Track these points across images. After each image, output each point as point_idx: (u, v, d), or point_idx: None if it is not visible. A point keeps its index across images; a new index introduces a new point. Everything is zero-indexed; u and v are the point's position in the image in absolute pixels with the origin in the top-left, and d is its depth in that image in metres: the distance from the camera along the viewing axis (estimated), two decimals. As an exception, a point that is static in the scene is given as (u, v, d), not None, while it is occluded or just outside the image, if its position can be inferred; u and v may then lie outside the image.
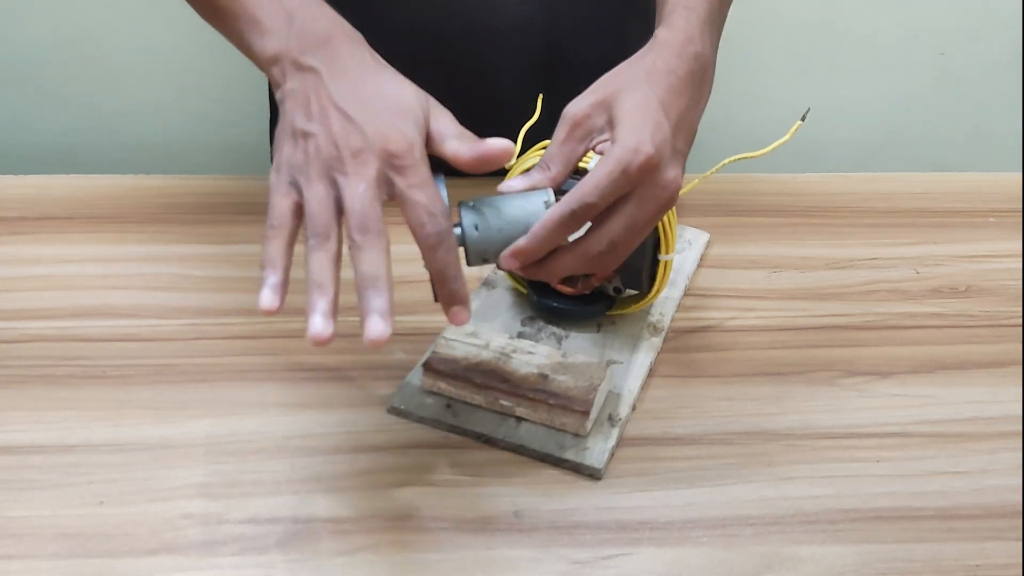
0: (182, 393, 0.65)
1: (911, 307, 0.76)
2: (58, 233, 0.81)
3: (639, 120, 0.56)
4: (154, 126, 1.42)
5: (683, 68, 0.60)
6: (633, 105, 0.57)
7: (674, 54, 0.61)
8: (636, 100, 0.58)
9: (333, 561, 0.54)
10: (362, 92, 0.55)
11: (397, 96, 0.56)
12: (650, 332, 0.71)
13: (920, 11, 1.40)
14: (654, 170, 0.55)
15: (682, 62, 0.61)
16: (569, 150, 0.59)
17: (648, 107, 0.57)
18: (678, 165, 0.58)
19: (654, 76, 0.59)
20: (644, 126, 0.56)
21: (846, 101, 1.47)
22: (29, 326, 0.71)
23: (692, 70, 0.61)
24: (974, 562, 0.55)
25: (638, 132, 0.55)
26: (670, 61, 0.60)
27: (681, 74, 0.60)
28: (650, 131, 0.56)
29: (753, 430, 0.64)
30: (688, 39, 0.62)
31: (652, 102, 0.58)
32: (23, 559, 0.54)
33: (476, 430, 0.62)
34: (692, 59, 0.61)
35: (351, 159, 0.53)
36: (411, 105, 0.56)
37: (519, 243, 0.56)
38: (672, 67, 0.60)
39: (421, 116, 0.56)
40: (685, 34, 0.62)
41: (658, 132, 0.56)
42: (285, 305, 0.54)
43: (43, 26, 1.34)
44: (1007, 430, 0.65)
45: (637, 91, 0.58)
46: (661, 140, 0.56)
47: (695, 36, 0.62)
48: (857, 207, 0.89)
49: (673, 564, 0.55)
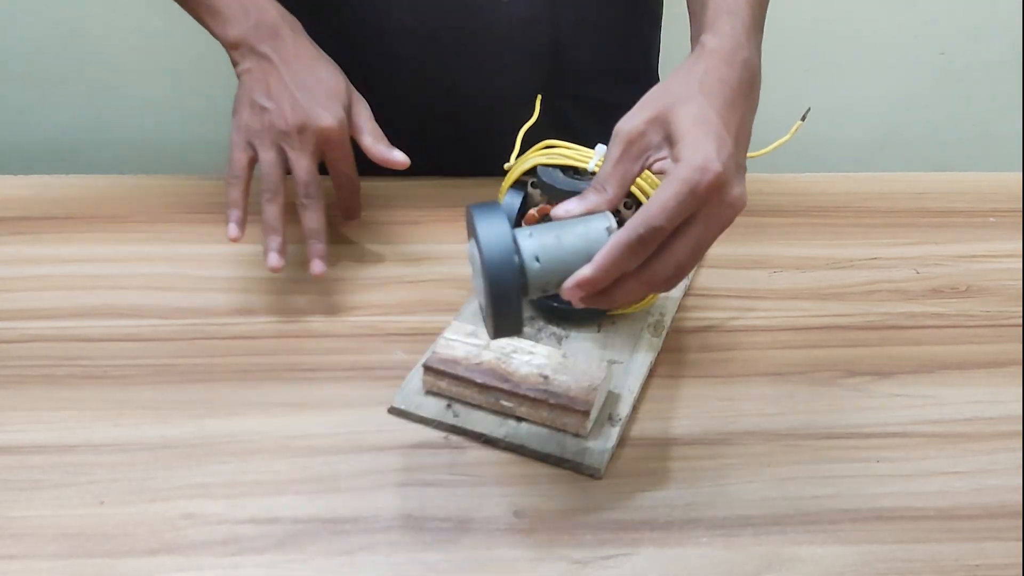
0: (182, 393, 0.65)
1: (912, 307, 0.76)
2: (58, 233, 0.81)
3: (701, 135, 0.53)
4: (154, 126, 1.42)
5: (734, 77, 0.57)
6: (692, 120, 0.54)
7: (724, 62, 0.58)
8: (694, 114, 0.54)
9: (333, 561, 0.54)
10: (305, 78, 0.73)
11: (330, 82, 0.74)
12: (650, 332, 0.71)
13: (921, 11, 1.40)
14: (722, 188, 0.52)
15: (733, 70, 0.57)
16: (624, 169, 0.55)
17: (708, 121, 0.54)
18: (743, 181, 0.54)
19: (708, 87, 0.56)
20: (707, 141, 0.52)
21: (847, 101, 1.47)
22: (29, 326, 0.71)
23: (743, 78, 0.58)
24: (974, 562, 0.55)
25: (703, 149, 0.52)
26: (721, 70, 0.57)
27: (733, 84, 0.57)
28: (715, 147, 0.52)
29: (753, 430, 0.64)
30: (737, 46, 0.59)
31: (711, 115, 0.54)
32: (23, 559, 0.54)
33: (476, 430, 0.62)
34: (742, 67, 0.58)
35: (296, 135, 0.71)
36: (340, 91, 0.74)
37: (584, 273, 0.51)
38: (724, 77, 0.57)
39: (346, 99, 0.74)
40: (733, 41, 0.59)
41: (723, 148, 0.53)
42: (244, 237, 0.72)
43: (43, 25, 1.33)
44: (1007, 430, 0.65)
45: (693, 104, 0.54)
46: (727, 156, 0.52)
47: (743, 42, 0.59)
48: (858, 207, 0.89)
49: (673, 564, 0.55)
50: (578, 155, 0.66)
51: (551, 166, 0.67)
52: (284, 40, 0.74)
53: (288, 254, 0.72)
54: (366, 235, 0.82)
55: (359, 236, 0.82)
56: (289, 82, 0.72)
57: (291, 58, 0.73)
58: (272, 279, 0.76)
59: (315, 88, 0.72)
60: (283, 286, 0.76)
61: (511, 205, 0.67)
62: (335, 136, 0.72)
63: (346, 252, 0.80)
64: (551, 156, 0.67)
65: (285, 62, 0.73)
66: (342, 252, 0.80)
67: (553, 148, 0.67)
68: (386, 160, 0.74)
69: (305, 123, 0.71)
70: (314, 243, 0.72)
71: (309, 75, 0.73)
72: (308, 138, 0.71)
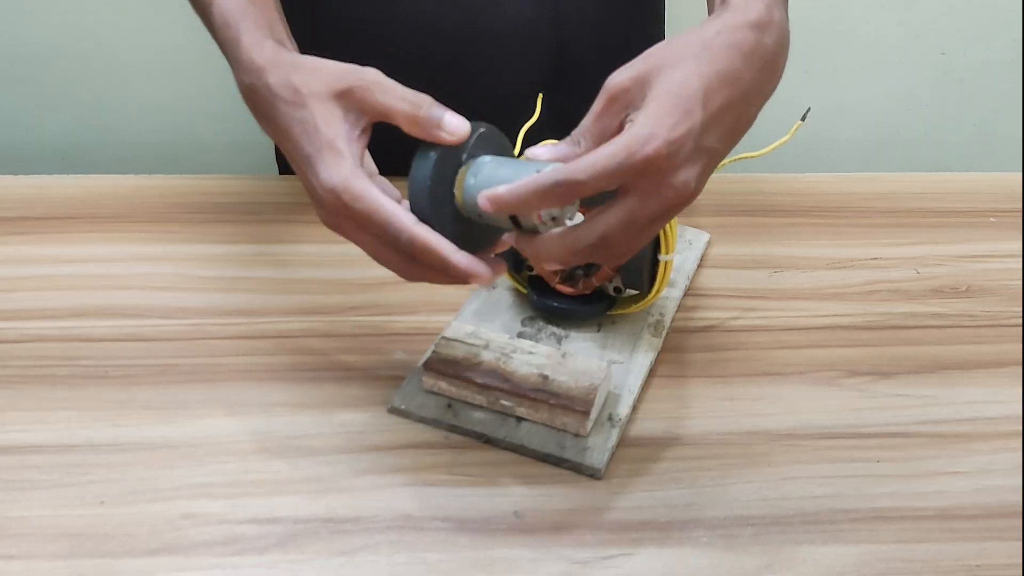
0: (183, 393, 0.65)
1: (912, 307, 0.76)
2: (59, 233, 0.81)
3: (667, 106, 0.49)
4: (155, 126, 1.42)
5: (750, 42, 0.52)
6: (668, 88, 0.50)
7: (747, 24, 0.52)
8: (674, 82, 0.50)
9: (333, 561, 0.54)
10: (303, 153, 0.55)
11: (317, 117, 0.55)
12: (650, 332, 0.71)
13: (921, 11, 1.40)
14: (663, 167, 0.49)
15: (754, 34, 0.52)
16: (603, 125, 0.52)
17: (683, 93, 0.50)
18: (698, 165, 0.50)
19: (709, 51, 0.51)
20: (668, 115, 0.49)
21: (847, 101, 1.47)
22: (30, 326, 0.71)
23: (766, 46, 0.52)
24: (974, 562, 0.55)
25: (657, 121, 0.49)
26: (737, 33, 0.52)
27: (746, 49, 0.52)
28: (673, 121, 0.49)
29: (753, 430, 0.64)
30: (768, 7, 0.53)
31: (692, 86, 0.50)
32: (23, 559, 0.54)
33: (476, 430, 0.62)
34: (768, 31, 0.52)
35: (337, 227, 0.56)
36: (338, 137, 0.54)
37: (497, 190, 0.51)
38: (737, 40, 0.52)
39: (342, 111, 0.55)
40: (764, 4, 0.53)
41: (680, 124, 0.49)
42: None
43: (44, 25, 1.34)
44: (1007, 430, 0.65)
45: (679, 70, 0.50)
46: (681, 135, 0.49)
47: (773, 6, 0.54)
48: (858, 207, 0.89)
49: (673, 564, 0.55)
50: (578, 155, 0.66)
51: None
52: (260, 99, 0.57)
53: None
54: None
55: (359, 236, 0.82)
56: (297, 170, 0.57)
57: (277, 123, 0.57)
58: (272, 279, 0.76)
59: (307, 148, 0.55)
60: (283, 286, 0.76)
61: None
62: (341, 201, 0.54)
63: (346, 252, 0.80)
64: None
65: (278, 135, 0.57)
66: (342, 252, 0.80)
67: (553, 148, 0.67)
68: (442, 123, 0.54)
69: (335, 207, 0.54)
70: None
71: (295, 134, 0.55)
72: (342, 225, 0.55)
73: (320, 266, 0.78)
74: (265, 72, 0.57)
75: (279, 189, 0.89)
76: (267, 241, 0.81)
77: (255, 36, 0.59)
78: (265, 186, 0.89)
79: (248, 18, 0.60)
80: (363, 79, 0.54)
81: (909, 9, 1.40)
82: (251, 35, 0.59)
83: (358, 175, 0.53)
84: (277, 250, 0.80)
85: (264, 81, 0.56)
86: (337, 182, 0.53)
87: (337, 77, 0.55)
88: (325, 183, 0.53)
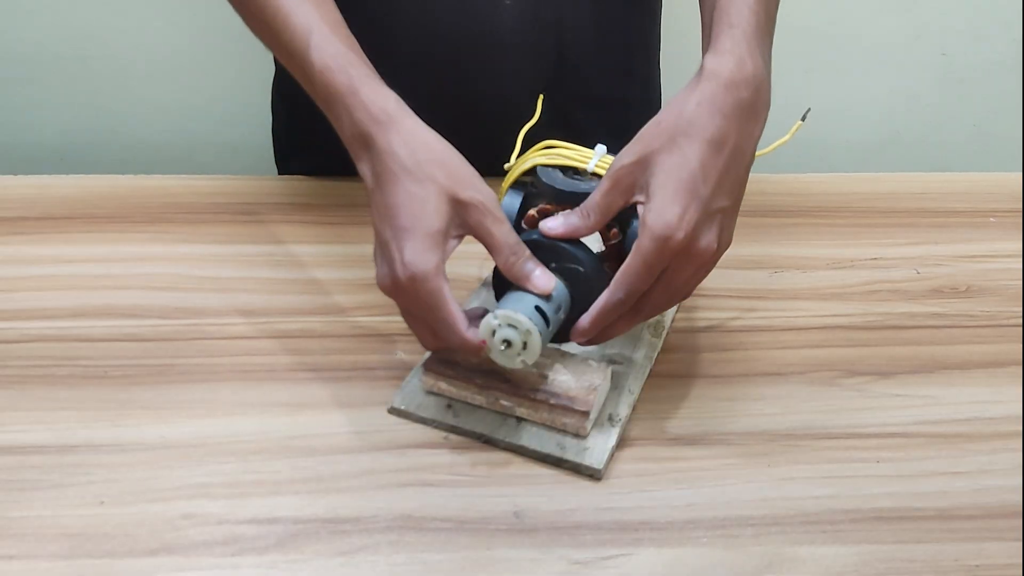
0: (183, 393, 0.65)
1: (912, 307, 0.76)
2: (58, 233, 0.81)
3: (671, 194, 0.56)
4: (154, 126, 1.42)
5: (731, 101, 0.58)
6: (669, 174, 0.57)
7: (722, 86, 0.58)
8: (673, 166, 0.57)
9: (333, 561, 0.54)
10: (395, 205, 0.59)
11: (423, 205, 0.58)
12: (650, 332, 0.71)
13: (922, 12, 1.40)
14: (687, 247, 0.56)
15: (730, 94, 0.58)
16: (610, 202, 0.60)
17: (683, 175, 0.56)
18: (715, 227, 0.58)
19: (695, 125, 0.57)
20: (676, 203, 0.56)
21: (848, 101, 1.47)
22: (30, 326, 0.71)
23: (742, 99, 0.58)
24: (974, 562, 0.55)
25: (669, 212, 0.56)
26: (717, 97, 0.58)
27: (727, 111, 0.58)
28: (681, 208, 0.56)
29: (753, 430, 0.64)
30: (738, 63, 0.59)
31: (690, 166, 0.57)
32: (23, 559, 0.54)
33: (476, 430, 0.62)
34: (742, 86, 0.58)
35: (394, 294, 0.60)
36: (433, 213, 0.58)
37: (583, 324, 0.60)
38: (719, 104, 0.58)
39: (446, 219, 0.59)
40: (734, 58, 0.59)
41: (690, 206, 0.56)
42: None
43: (44, 25, 1.33)
44: (1007, 430, 0.65)
45: (674, 153, 0.57)
46: (693, 215, 0.56)
47: (744, 57, 0.59)
48: (858, 207, 0.89)
49: (673, 564, 0.55)
50: (578, 155, 0.66)
51: (551, 166, 0.67)
52: (377, 149, 0.60)
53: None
54: (367, 235, 0.82)
55: (359, 236, 0.81)
56: (379, 220, 0.60)
57: (383, 177, 0.59)
58: (272, 279, 0.76)
59: (404, 220, 0.58)
60: (283, 286, 0.76)
61: (511, 205, 0.67)
62: (417, 285, 0.57)
63: (346, 252, 0.80)
64: (551, 156, 0.67)
65: (379, 186, 0.60)
66: (342, 252, 0.80)
67: (553, 148, 0.67)
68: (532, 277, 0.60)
69: (393, 281, 0.58)
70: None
71: (399, 200, 0.59)
72: (404, 287, 0.58)
73: (320, 266, 0.78)
74: (389, 128, 0.60)
75: (278, 189, 0.89)
76: (266, 241, 0.81)
77: (374, 84, 0.62)
78: (264, 186, 0.89)
79: (355, 62, 0.63)
80: (482, 201, 0.59)
81: (909, 9, 1.40)
82: (370, 84, 0.62)
83: (441, 271, 0.58)
84: (276, 250, 0.80)
85: (387, 136, 0.60)
86: (424, 269, 0.57)
87: (460, 181, 0.59)
88: (410, 263, 0.57)
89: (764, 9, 0.63)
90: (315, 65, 0.62)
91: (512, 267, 0.59)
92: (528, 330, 0.58)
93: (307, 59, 0.62)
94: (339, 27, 0.65)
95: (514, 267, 0.59)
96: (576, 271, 0.61)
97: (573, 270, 0.61)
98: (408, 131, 0.60)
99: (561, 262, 0.61)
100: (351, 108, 0.61)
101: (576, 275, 0.61)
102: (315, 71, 0.62)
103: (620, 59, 0.92)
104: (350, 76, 0.61)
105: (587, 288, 0.61)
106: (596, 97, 0.91)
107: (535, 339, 0.58)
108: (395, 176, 0.59)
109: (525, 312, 0.58)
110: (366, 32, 0.84)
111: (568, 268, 0.61)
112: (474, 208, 0.59)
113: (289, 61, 0.65)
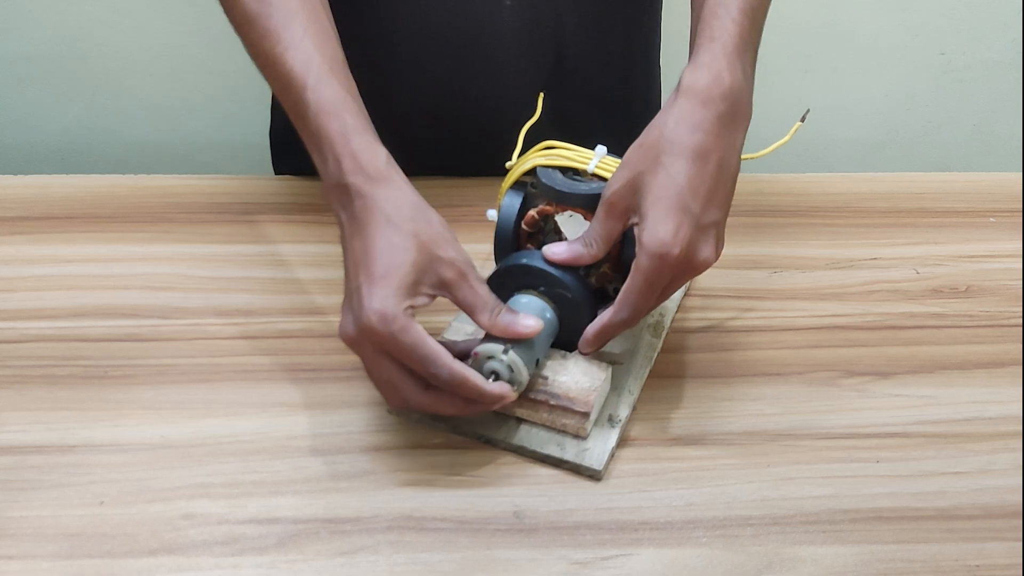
0: (183, 393, 0.65)
1: (911, 307, 0.76)
2: (58, 233, 0.81)
3: (662, 213, 0.58)
4: (155, 126, 1.42)
5: (710, 116, 0.59)
6: (657, 194, 0.58)
7: (700, 102, 0.59)
8: (661, 186, 0.58)
9: (333, 561, 0.54)
10: (366, 255, 0.58)
11: (395, 257, 0.58)
12: (650, 332, 0.71)
13: (921, 11, 1.40)
14: (683, 262, 0.58)
15: (708, 110, 0.59)
16: (609, 228, 0.61)
17: (671, 194, 0.58)
18: (709, 239, 0.59)
19: (678, 144, 0.58)
20: (667, 221, 0.57)
21: (847, 101, 1.47)
22: (29, 326, 0.71)
23: (721, 113, 0.59)
24: (974, 562, 0.55)
25: (663, 231, 0.57)
26: (695, 113, 0.59)
27: (707, 127, 0.59)
28: (674, 226, 0.57)
29: (753, 430, 0.64)
30: (715, 78, 0.60)
31: (677, 184, 0.58)
32: (23, 559, 0.54)
33: (476, 431, 0.62)
34: (720, 100, 0.59)
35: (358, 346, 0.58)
36: (404, 266, 0.58)
37: (586, 344, 0.63)
38: (697, 120, 0.59)
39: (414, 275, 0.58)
40: (711, 73, 0.60)
41: (682, 223, 0.58)
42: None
43: (44, 25, 1.33)
44: (1007, 430, 0.65)
45: (659, 173, 0.58)
46: (686, 231, 0.58)
47: (722, 71, 0.60)
48: (857, 207, 0.89)
49: (673, 564, 0.55)
50: (578, 156, 0.66)
51: (551, 167, 0.67)
52: (362, 199, 0.59)
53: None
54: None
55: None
56: (352, 267, 0.59)
57: (365, 224, 0.59)
58: (271, 279, 0.76)
59: (379, 267, 0.57)
60: (283, 286, 0.76)
61: (511, 205, 0.67)
62: (387, 328, 0.56)
63: (346, 252, 0.80)
64: (551, 157, 0.67)
65: (358, 232, 0.60)
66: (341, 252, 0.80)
67: (553, 149, 0.67)
68: (517, 333, 0.60)
69: (358, 326, 0.57)
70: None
71: (379, 247, 0.58)
72: (371, 334, 0.57)
73: (319, 266, 0.78)
74: (377, 183, 0.60)
75: (278, 189, 0.89)
76: (266, 241, 0.81)
77: (368, 137, 0.62)
78: (265, 187, 0.89)
79: (351, 109, 0.62)
80: (463, 261, 0.59)
81: (908, 9, 1.40)
82: (364, 136, 0.61)
83: (409, 313, 0.57)
84: (276, 250, 0.80)
85: (374, 191, 0.59)
86: (394, 310, 0.56)
87: (441, 240, 0.59)
88: (380, 306, 0.56)
89: (750, 19, 0.63)
90: (310, 106, 0.61)
91: (496, 323, 0.59)
92: (513, 363, 0.59)
93: (302, 98, 0.62)
94: (339, 67, 0.64)
95: (498, 322, 0.59)
96: (564, 296, 0.63)
97: (561, 295, 0.63)
98: (397, 188, 0.60)
99: (550, 287, 0.63)
100: (340, 156, 0.60)
101: (564, 299, 0.63)
102: (309, 112, 0.62)
103: (620, 59, 0.92)
104: (344, 123, 0.61)
105: (574, 310, 0.63)
106: (596, 97, 0.91)
107: (522, 370, 0.59)
108: (378, 225, 0.59)
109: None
110: (366, 32, 0.83)
111: (556, 293, 0.63)
112: (453, 267, 0.59)
113: (284, 96, 0.64)
